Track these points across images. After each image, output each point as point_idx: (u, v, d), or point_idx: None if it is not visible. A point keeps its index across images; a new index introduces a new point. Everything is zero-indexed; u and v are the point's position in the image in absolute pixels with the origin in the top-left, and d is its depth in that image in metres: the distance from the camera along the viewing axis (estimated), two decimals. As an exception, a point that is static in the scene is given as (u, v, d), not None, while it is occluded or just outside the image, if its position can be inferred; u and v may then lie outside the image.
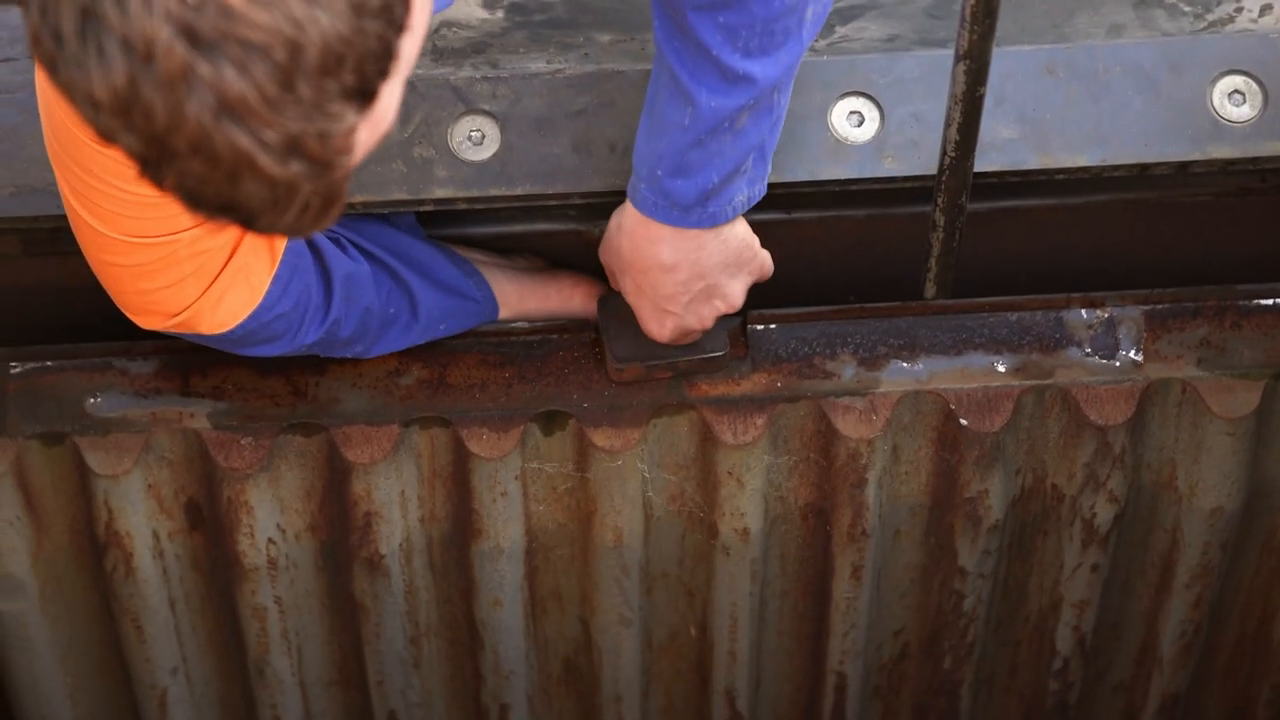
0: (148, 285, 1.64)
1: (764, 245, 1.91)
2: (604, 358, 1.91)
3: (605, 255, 1.82)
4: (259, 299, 1.69)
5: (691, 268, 1.76)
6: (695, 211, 1.72)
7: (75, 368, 1.93)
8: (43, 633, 2.07)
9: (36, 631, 2.06)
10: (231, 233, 1.65)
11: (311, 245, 1.76)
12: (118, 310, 1.98)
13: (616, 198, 1.81)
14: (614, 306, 1.88)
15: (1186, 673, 2.24)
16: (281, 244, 1.70)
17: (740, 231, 1.77)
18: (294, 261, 1.72)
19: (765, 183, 1.74)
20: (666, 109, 1.66)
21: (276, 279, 1.69)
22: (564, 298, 1.90)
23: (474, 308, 1.87)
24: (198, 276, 1.64)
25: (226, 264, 1.65)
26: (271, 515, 1.96)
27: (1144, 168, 1.88)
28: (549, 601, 2.10)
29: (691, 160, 1.68)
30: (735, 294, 1.81)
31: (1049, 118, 1.86)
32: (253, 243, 1.67)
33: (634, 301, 1.82)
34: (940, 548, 2.05)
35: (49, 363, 1.93)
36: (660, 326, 1.83)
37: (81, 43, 1.13)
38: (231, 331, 1.70)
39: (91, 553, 2.01)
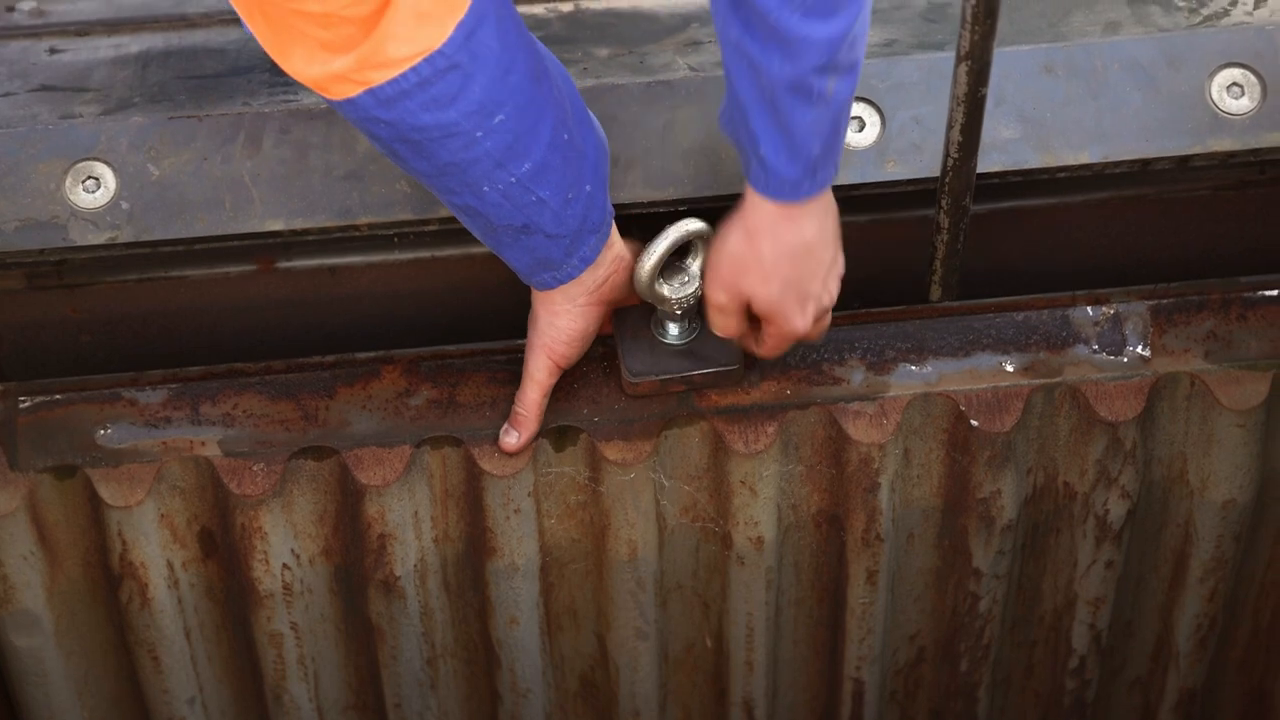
0: None
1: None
2: (616, 371, 1.92)
3: (733, 271, 1.77)
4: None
5: (827, 235, 1.75)
6: (805, 184, 1.70)
7: (84, 400, 1.93)
8: (59, 666, 2.06)
9: (53, 665, 2.06)
10: None
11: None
12: (124, 341, 1.99)
13: (618, 209, 1.82)
14: (628, 320, 1.88)
15: (1203, 667, 2.24)
16: None
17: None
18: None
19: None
20: (742, 86, 1.65)
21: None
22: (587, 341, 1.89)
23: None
24: None
25: None
26: (285, 541, 1.96)
27: (1145, 163, 1.89)
28: (565, 618, 2.10)
29: (793, 131, 1.66)
30: (841, 270, 1.81)
31: (1049, 116, 1.87)
32: None
33: (777, 303, 1.77)
34: (954, 550, 2.06)
35: (58, 396, 1.93)
36: (804, 317, 1.79)
37: None
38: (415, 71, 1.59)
39: (106, 585, 2.01)
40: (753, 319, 1.83)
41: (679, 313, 1.86)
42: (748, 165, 1.72)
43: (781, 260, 1.75)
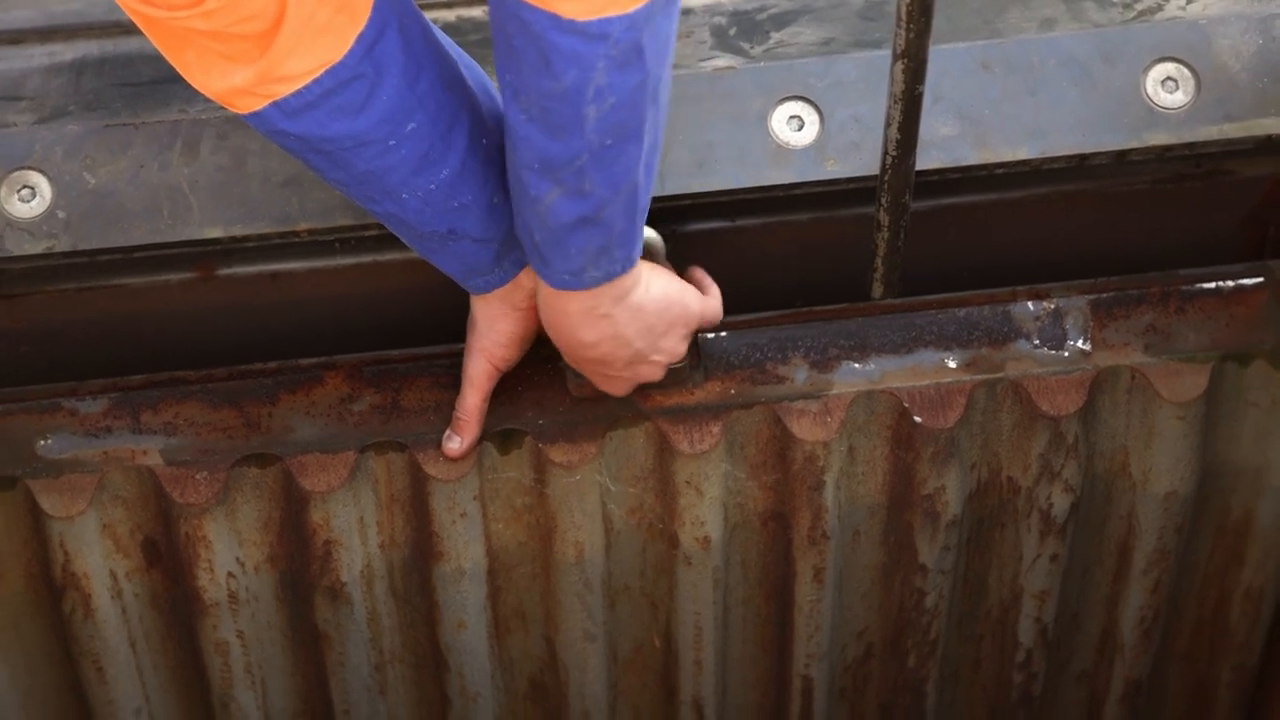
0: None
1: (709, 253, 1.92)
2: (560, 374, 1.91)
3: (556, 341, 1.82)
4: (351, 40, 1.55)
5: (612, 341, 1.77)
6: (574, 279, 1.70)
7: (23, 410, 1.91)
8: (3, 679, 2.05)
9: (-4, 679, 2.05)
10: None
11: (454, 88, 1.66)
12: (64, 351, 1.98)
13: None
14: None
15: (1148, 658, 2.26)
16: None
17: (654, 295, 1.76)
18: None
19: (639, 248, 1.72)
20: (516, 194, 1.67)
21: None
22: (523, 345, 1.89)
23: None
24: None
25: None
26: (230, 548, 1.95)
27: (1083, 158, 1.90)
28: (513, 620, 2.10)
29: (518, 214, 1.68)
30: (674, 350, 1.82)
31: (987, 113, 1.88)
32: None
33: (581, 371, 1.84)
34: (900, 546, 2.06)
35: (-3, 407, 1.92)
36: (613, 387, 1.86)
37: None
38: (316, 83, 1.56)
39: (49, 596, 2.00)
40: None
41: None
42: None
43: (565, 345, 1.78)
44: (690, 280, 1.88)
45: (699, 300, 1.83)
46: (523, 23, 1.50)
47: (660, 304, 1.78)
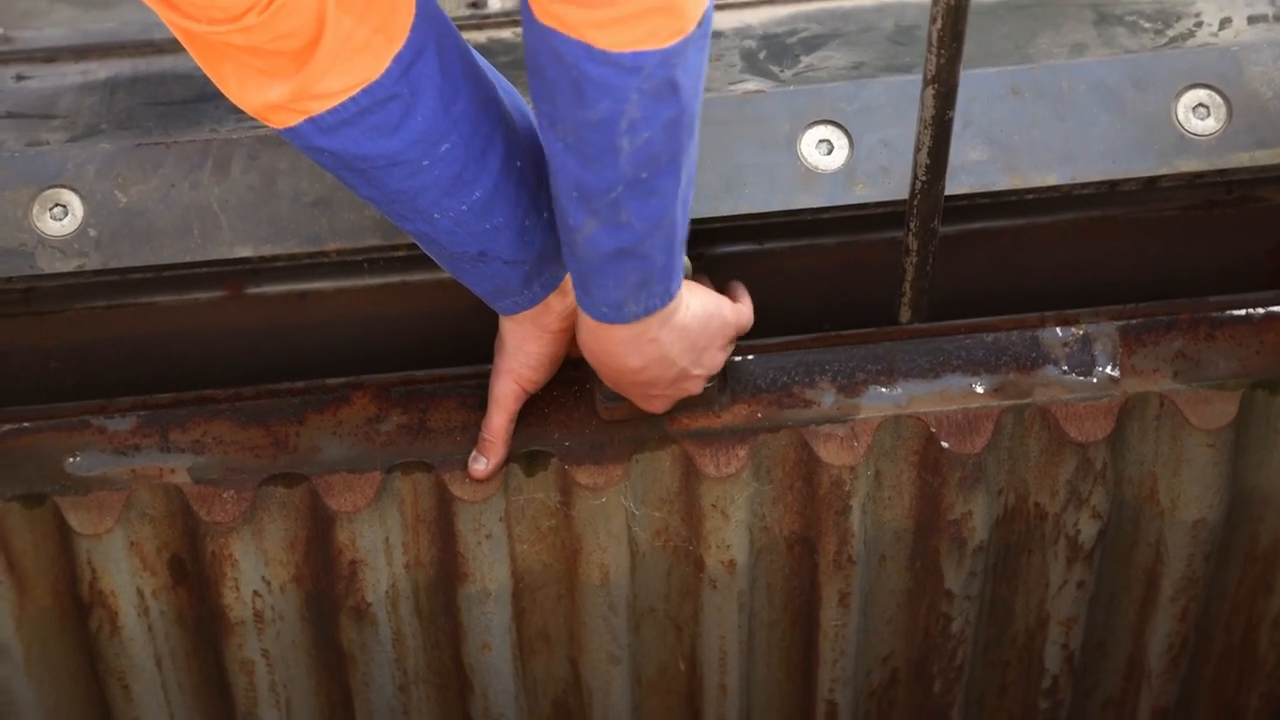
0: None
1: (738, 276, 1.92)
2: (586, 395, 1.92)
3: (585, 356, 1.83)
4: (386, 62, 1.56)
5: (659, 363, 1.77)
6: (613, 313, 1.70)
7: (53, 428, 1.92)
8: (29, 696, 2.05)
9: (23, 695, 2.05)
10: None
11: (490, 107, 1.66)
12: (93, 368, 1.99)
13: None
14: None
15: (1175, 686, 2.25)
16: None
17: (695, 313, 1.76)
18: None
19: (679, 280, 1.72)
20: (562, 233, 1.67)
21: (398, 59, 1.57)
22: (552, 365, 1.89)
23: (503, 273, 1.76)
24: None
25: None
26: (256, 567, 1.96)
27: (1112, 184, 1.89)
28: (537, 642, 2.10)
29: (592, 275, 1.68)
30: (715, 363, 1.83)
31: (1016, 138, 1.88)
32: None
33: (623, 393, 1.84)
34: (926, 571, 2.06)
35: (26, 424, 1.92)
36: (655, 406, 1.86)
37: None
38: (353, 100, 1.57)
39: (76, 613, 2.00)
40: None
41: None
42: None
43: (610, 372, 1.78)
44: (728, 293, 1.88)
45: (733, 310, 1.83)
46: (556, 52, 1.51)
47: (701, 320, 1.78)
